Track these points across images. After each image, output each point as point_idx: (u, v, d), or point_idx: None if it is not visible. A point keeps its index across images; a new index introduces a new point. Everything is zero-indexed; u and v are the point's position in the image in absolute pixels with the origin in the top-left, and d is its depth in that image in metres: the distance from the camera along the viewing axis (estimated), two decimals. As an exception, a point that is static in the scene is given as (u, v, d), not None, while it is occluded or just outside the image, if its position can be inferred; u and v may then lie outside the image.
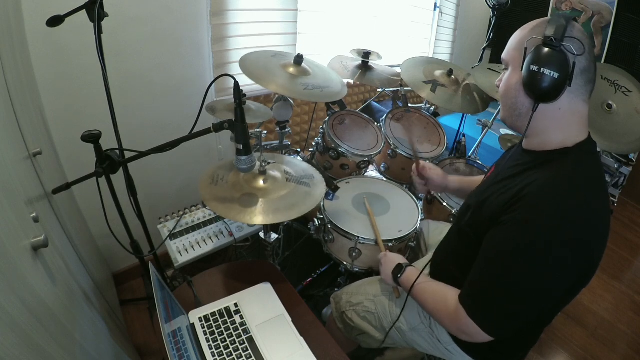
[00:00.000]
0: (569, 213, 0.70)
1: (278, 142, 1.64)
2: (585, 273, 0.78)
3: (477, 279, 0.81)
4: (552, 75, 0.71)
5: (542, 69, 0.71)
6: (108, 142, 0.95)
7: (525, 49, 0.76)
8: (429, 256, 1.22)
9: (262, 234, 1.40)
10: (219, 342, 0.93)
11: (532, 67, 0.73)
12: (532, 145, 0.83)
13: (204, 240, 1.44)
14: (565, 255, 0.71)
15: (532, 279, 0.73)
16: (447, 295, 0.86)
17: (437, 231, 1.36)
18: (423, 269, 0.95)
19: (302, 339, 0.95)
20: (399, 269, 1.01)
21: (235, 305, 1.02)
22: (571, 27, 0.73)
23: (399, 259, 1.05)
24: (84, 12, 0.93)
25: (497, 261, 0.77)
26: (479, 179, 1.23)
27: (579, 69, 0.73)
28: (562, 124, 0.77)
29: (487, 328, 0.77)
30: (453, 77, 1.73)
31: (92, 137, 0.89)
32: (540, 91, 0.73)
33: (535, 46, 0.74)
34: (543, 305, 0.78)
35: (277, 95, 1.49)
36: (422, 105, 2.06)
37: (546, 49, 0.72)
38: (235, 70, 1.77)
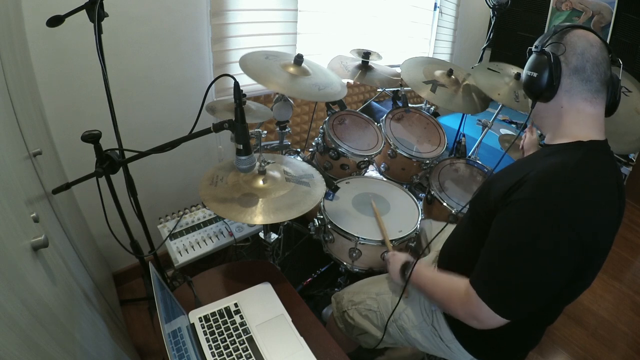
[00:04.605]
0: (573, 194, 0.72)
1: (278, 142, 1.63)
2: (590, 256, 0.77)
3: (486, 259, 0.81)
4: (532, 75, 0.83)
5: (527, 72, 0.85)
6: (108, 142, 0.95)
7: None
8: (431, 255, 1.22)
9: (262, 234, 1.40)
10: (219, 342, 0.93)
11: (524, 72, 0.86)
12: (549, 139, 0.89)
13: (204, 240, 1.44)
14: (570, 234, 0.71)
15: (538, 257, 0.73)
16: (457, 281, 0.86)
17: (439, 230, 1.36)
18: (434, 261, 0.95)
19: (302, 339, 0.95)
20: (407, 266, 1.02)
21: (235, 305, 1.02)
22: (566, 33, 0.81)
23: (407, 257, 1.08)
24: (84, 12, 0.93)
25: (504, 239, 0.78)
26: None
27: (569, 69, 0.80)
28: (567, 121, 0.83)
29: (499, 308, 0.77)
30: (453, 77, 1.73)
31: (92, 137, 0.89)
32: (528, 91, 0.86)
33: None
34: (552, 286, 0.77)
35: (277, 95, 1.49)
36: (422, 105, 2.06)
37: (531, 55, 0.86)
38: (235, 70, 1.77)
